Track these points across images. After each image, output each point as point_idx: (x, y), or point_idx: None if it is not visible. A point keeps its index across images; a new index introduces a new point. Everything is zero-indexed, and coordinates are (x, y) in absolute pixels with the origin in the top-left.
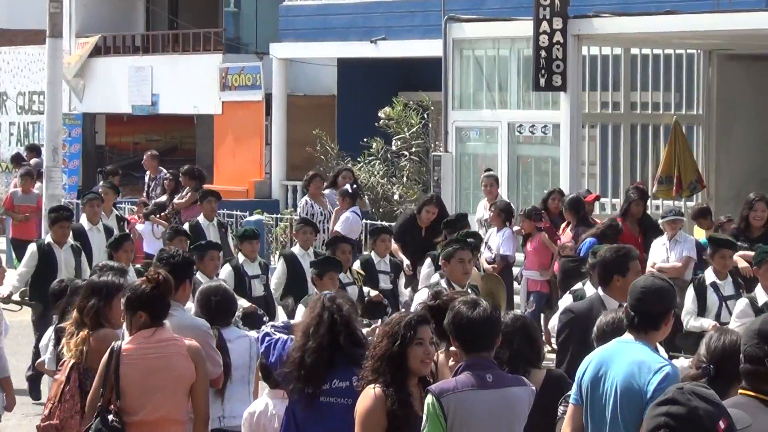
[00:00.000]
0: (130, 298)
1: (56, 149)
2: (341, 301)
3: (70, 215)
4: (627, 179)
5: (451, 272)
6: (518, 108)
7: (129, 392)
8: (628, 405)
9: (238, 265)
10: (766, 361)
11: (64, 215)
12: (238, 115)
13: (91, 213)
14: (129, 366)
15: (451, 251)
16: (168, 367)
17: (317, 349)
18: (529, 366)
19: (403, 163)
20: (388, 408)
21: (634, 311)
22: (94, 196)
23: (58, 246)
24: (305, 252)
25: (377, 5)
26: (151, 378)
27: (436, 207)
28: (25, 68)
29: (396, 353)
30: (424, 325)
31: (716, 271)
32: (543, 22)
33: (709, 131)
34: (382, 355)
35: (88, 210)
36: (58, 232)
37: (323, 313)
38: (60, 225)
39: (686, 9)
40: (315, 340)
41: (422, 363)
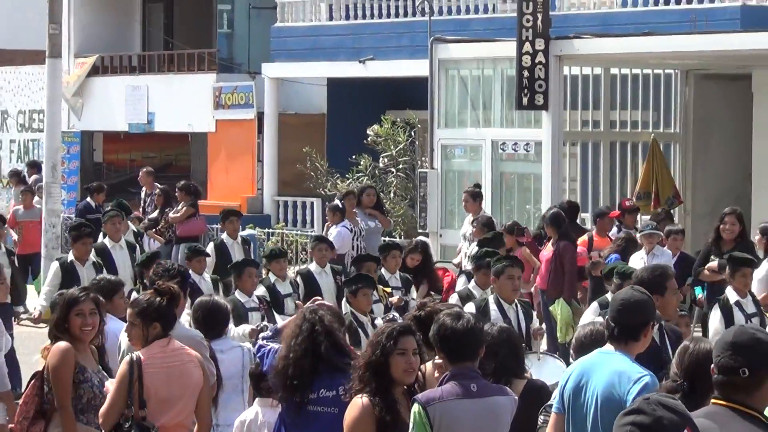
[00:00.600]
0: (145, 310)
1: (55, 166)
2: (323, 313)
3: (92, 232)
4: (607, 195)
5: (500, 288)
6: (502, 126)
7: (152, 400)
8: (609, 413)
9: (271, 284)
10: (741, 371)
11: (86, 232)
12: (231, 133)
13: (112, 230)
14: (152, 375)
15: (501, 268)
16: (185, 374)
17: (298, 359)
18: (513, 376)
19: (390, 179)
20: (376, 416)
21: (614, 323)
22: (116, 213)
23: (80, 263)
24: (321, 269)
25: (366, 27)
26: (171, 385)
27: (421, 254)
28: (25, 87)
29: (379, 362)
30: (407, 336)
31: (737, 290)
32: (526, 43)
33: (685, 149)
34: (366, 364)
35: (110, 228)
36: (81, 249)
37: (303, 324)
38: (82, 242)
39: (664, 30)
40: (295, 351)
41: (405, 372)
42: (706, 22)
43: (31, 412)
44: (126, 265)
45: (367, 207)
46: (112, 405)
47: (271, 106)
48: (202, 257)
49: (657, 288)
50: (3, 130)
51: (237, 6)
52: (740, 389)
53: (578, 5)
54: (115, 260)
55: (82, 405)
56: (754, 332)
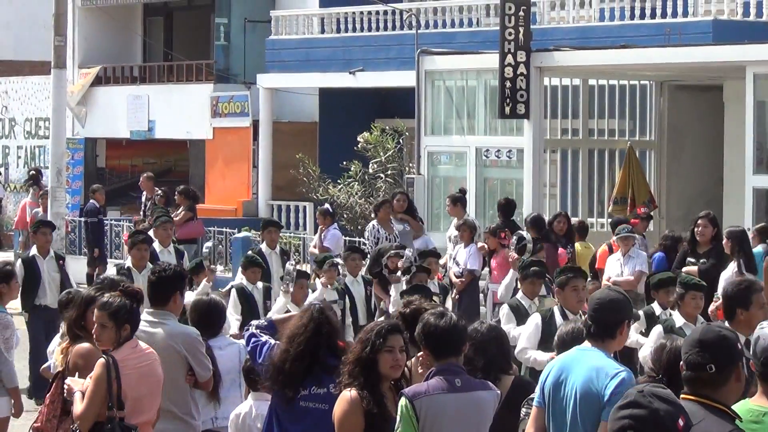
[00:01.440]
0: (117, 312)
1: (60, 171)
2: (329, 314)
3: (148, 239)
4: (585, 200)
5: (565, 300)
6: (485, 134)
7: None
8: (587, 407)
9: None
10: (708, 367)
11: (142, 239)
12: (227, 140)
13: (163, 236)
14: (128, 376)
15: (565, 279)
16: (153, 374)
17: (297, 357)
18: (501, 372)
19: (379, 184)
20: (365, 408)
21: (591, 321)
22: (167, 219)
23: (138, 270)
24: (354, 279)
25: (355, 39)
26: (143, 385)
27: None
28: (31, 96)
29: (367, 359)
30: (395, 334)
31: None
32: (508, 55)
33: (660, 156)
34: (355, 360)
35: (161, 233)
36: (137, 255)
37: (309, 324)
38: (138, 248)
39: (639, 43)
40: (296, 348)
41: (391, 368)
42: (679, 36)
43: (58, 410)
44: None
45: (398, 212)
46: (90, 406)
47: (265, 114)
48: (257, 268)
49: (742, 302)
50: (11, 137)
51: (233, 19)
52: (708, 384)
53: (558, 19)
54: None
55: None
56: (720, 330)
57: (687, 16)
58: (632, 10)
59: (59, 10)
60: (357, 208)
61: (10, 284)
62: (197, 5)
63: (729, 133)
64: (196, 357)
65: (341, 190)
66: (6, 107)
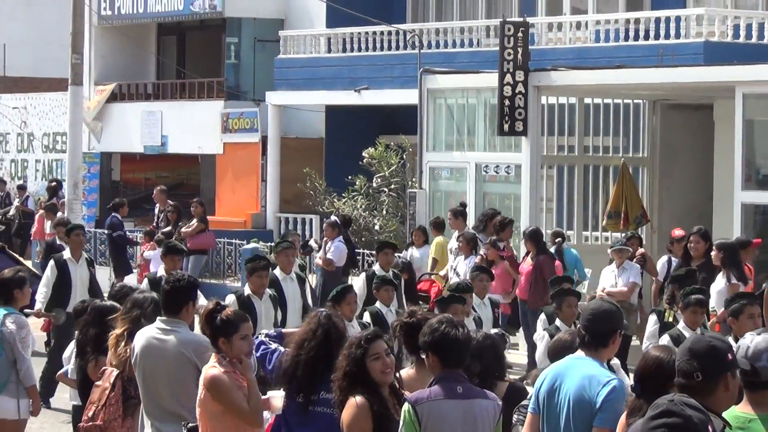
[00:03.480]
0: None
1: (77, 184)
2: (336, 320)
3: (269, 265)
4: (581, 214)
5: (740, 329)
6: (485, 150)
7: None
8: (580, 414)
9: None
10: (695, 375)
11: (262, 265)
12: (237, 155)
13: (285, 262)
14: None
15: (740, 307)
16: None
17: (308, 362)
18: (496, 379)
19: (383, 198)
20: (373, 411)
21: (585, 331)
22: (288, 245)
23: (257, 296)
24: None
25: (360, 59)
26: None
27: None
28: (49, 112)
29: (356, 372)
30: (377, 341)
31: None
32: (507, 75)
33: (653, 172)
34: (344, 375)
35: (283, 259)
36: (256, 282)
37: (317, 330)
38: (258, 275)
39: (633, 63)
40: (307, 354)
41: (383, 374)
42: (672, 57)
43: (119, 411)
44: (296, 297)
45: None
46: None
47: (274, 130)
48: (390, 287)
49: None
50: (29, 151)
51: (243, 39)
52: (697, 391)
53: (555, 40)
54: (285, 292)
55: None
56: (710, 340)
57: (679, 38)
58: (626, 32)
59: (76, 30)
60: (361, 220)
61: (23, 290)
62: (209, 25)
63: (719, 150)
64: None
65: (346, 204)
66: (25, 122)
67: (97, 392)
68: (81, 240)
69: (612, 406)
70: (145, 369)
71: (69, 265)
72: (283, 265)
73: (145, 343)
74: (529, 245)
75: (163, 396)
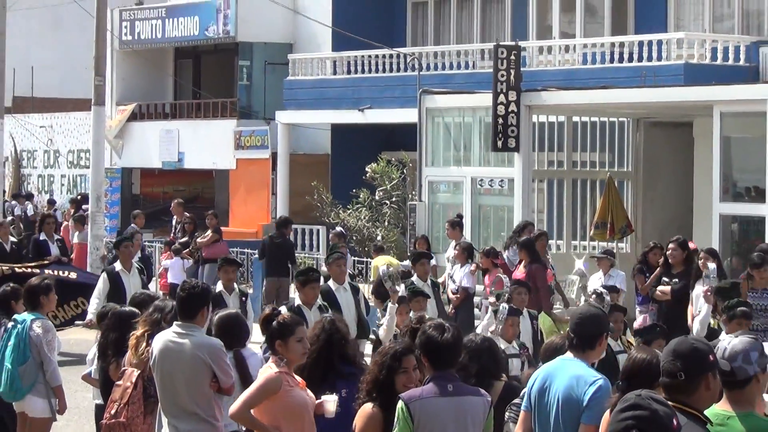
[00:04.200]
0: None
1: (99, 197)
2: (339, 325)
3: (319, 277)
4: (569, 225)
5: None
6: (480, 165)
7: None
8: (568, 411)
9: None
10: (678, 375)
11: (314, 277)
12: (249, 170)
13: (338, 273)
14: None
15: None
16: None
17: (312, 365)
18: (492, 379)
19: (385, 210)
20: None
21: (573, 334)
22: (340, 255)
23: (308, 307)
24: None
25: (364, 80)
26: None
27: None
28: (74, 130)
29: (385, 381)
30: (409, 355)
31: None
32: (500, 95)
33: (636, 185)
34: (373, 381)
35: (336, 270)
36: (309, 293)
37: (321, 334)
38: (311, 286)
39: (618, 84)
40: (311, 356)
41: (405, 387)
42: (654, 77)
43: (141, 409)
44: (350, 307)
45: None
46: None
47: (283, 147)
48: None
49: None
50: (55, 167)
51: (255, 62)
52: (680, 391)
53: (545, 63)
54: (340, 302)
55: None
56: (693, 342)
57: (661, 60)
58: (612, 55)
59: (99, 53)
60: (365, 231)
61: (49, 296)
62: (223, 49)
63: (698, 165)
64: (220, 366)
65: (351, 215)
66: (51, 140)
67: (119, 391)
68: (130, 251)
69: (598, 404)
70: (162, 370)
71: (121, 276)
72: (336, 275)
73: (163, 346)
74: (521, 254)
75: (179, 395)
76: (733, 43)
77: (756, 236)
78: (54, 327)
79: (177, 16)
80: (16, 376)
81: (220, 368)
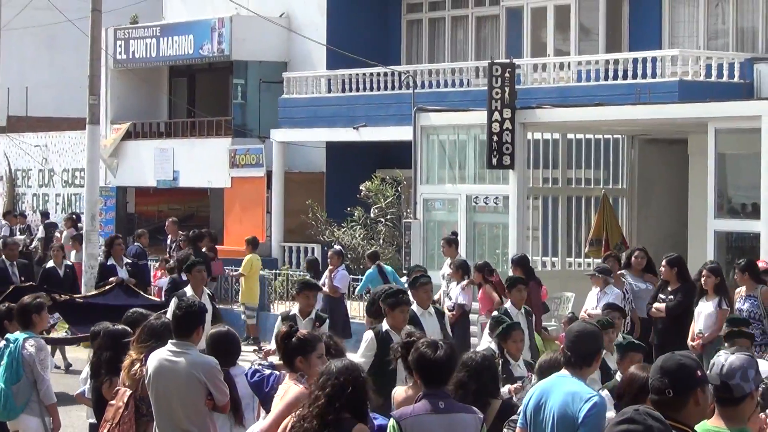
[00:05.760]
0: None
1: (94, 216)
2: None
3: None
4: (564, 241)
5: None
6: (475, 183)
7: None
8: (564, 428)
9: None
10: (667, 392)
11: (405, 299)
12: (244, 188)
13: (423, 297)
14: None
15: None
16: None
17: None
18: (490, 397)
19: (380, 228)
20: None
21: (569, 351)
22: (427, 280)
23: (396, 332)
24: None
25: (359, 98)
26: None
27: None
28: (69, 149)
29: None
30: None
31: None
32: (495, 112)
33: (631, 202)
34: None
35: (422, 295)
36: (399, 317)
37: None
38: (401, 309)
39: (613, 101)
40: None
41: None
42: (648, 95)
43: (132, 428)
44: (436, 332)
45: (636, 269)
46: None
47: (278, 165)
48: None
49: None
50: (50, 186)
51: (249, 80)
52: (669, 407)
53: (540, 80)
54: (425, 327)
55: None
56: (680, 358)
57: (655, 77)
58: (606, 72)
59: (93, 73)
60: (359, 249)
61: (41, 314)
62: (217, 68)
63: (693, 182)
64: (215, 384)
65: (345, 233)
66: (46, 159)
67: (111, 411)
68: (203, 276)
69: (593, 420)
70: (157, 388)
71: None
72: (421, 300)
73: (158, 364)
74: (516, 271)
75: (174, 413)
76: (728, 60)
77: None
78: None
79: (171, 35)
80: (10, 395)
81: (215, 386)
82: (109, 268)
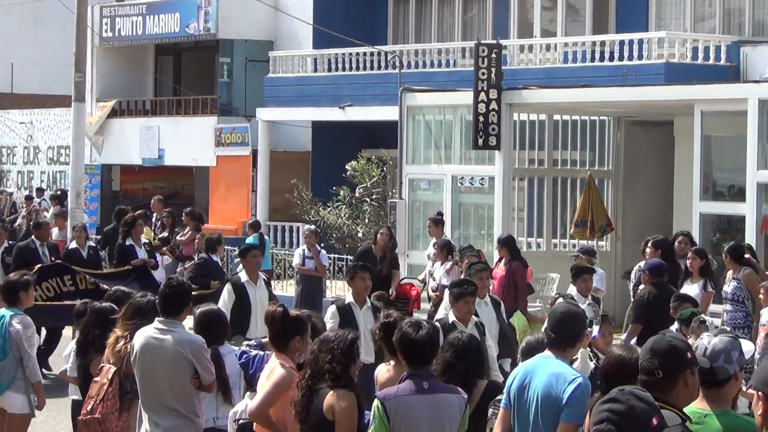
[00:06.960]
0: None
1: (79, 194)
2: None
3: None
4: (550, 223)
5: None
6: (460, 163)
7: None
8: (548, 409)
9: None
10: (656, 372)
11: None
12: (229, 167)
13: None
14: None
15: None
16: None
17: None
18: (477, 377)
19: (365, 207)
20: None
21: (553, 332)
22: (484, 267)
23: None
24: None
25: (345, 78)
26: None
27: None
28: (54, 127)
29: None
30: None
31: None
32: (481, 93)
33: (617, 184)
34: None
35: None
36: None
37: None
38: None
39: (599, 83)
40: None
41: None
42: (635, 76)
43: (116, 405)
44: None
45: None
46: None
47: (263, 144)
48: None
49: None
50: (35, 163)
51: (235, 59)
52: (658, 388)
53: (526, 61)
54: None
55: None
56: (670, 339)
57: (642, 59)
58: (593, 54)
59: (79, 50)
60: (345, 228)
61: (28, 292)
62: (203, 46)
63: (679, 164)
64: (201, 362)
65: (331, 213)
66: (31, 136)
67: (95, 387)
68: (258, 261)
69: (577, 402)
70: (144, 366)
71: (247, 287)
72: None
73: (144, 342)
74: (502, 251)
75: (160, 391)
76: (714, 43)
77: (736, 235)
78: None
79: (157, 13)
80: None
81: (202, 365)
82: (128, 249)
